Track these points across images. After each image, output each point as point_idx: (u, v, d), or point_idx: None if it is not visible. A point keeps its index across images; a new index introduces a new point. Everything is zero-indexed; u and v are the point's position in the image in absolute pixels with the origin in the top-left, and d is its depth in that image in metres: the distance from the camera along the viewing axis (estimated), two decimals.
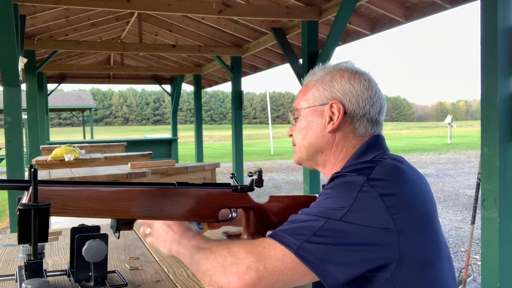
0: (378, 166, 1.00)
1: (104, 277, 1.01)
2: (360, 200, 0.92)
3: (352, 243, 0.90)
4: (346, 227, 0.90)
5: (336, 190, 0.97)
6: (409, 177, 1.00)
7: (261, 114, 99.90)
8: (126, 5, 5.01)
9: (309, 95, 1.15)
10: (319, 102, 1.13)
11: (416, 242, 0.94)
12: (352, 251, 0.89)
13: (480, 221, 2.92)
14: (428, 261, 0.97)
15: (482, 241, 2.89)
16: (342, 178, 0.99)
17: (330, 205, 0.94)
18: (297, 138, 1.18)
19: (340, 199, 0.94)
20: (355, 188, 0.94)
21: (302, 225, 0.93)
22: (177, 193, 1.08)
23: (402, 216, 0.93)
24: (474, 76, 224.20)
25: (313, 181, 5.44)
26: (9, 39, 3.66)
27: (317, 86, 1.14)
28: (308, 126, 1.15)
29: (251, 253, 0.92)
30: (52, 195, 0.94)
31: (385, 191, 0.93)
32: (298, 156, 1.20)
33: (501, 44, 2.73)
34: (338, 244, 0.89)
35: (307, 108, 1.15)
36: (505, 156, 2.75)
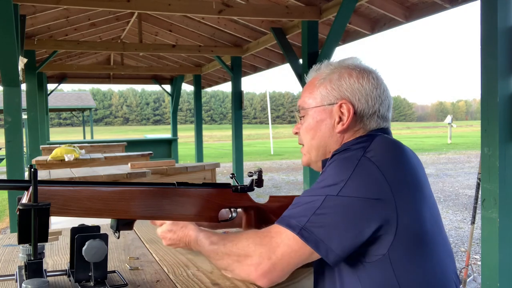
0: (376, 139, 1.02)
1: (104, 277, 1.01)
2: (358, 173, 0.94)
3: (350, 217, 0.92)
4: (343, 201, 0.92)
5: (334, 166, 0.99)
6: (405, 152, 1.02)
7: (261, 114, 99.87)
8: (126, 5, 5.01)
9: (317, 93, 1.13)
10: (327, 101, 1.11)
11: (412, 215, 0.95)
12: (350, 224, 0.92)
13: (480, 221, 2.92)
14: (423, 240, 0.97)
15: (482, 241, 2.89)
16: (341, 155, 1.01)
17: (329, 181, 0.96)
18: (305, 139, 1.16)
19: (339, 174, 0.96)
20: (353, 162, 0.96)
21: (304, 207, 0.96)
22: (177, 193, 1.08)
23: (400, 186, 0.94)
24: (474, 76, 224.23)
25: (313, 181, 5.43)
26: (9, 39, 3.66)
27: (325, 85, 1.12)
28: (317, 126, 1.13)
29: (259, 244, 0.99)
30: (52, 195, 0.94)
31: (383, 163, 0.95)
32: (307, 157, 1.18)
33: (501, 44, 2.73)
34: (336, 221, 0.92)
35: (315, 108, 1.13)
36: (505, 156, 2.75)
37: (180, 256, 1.29)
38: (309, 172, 5.42)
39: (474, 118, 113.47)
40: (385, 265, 0.95)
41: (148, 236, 1.51)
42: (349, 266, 0.99)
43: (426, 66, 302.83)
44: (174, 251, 1.33)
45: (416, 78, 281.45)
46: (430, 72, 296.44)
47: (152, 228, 1.59)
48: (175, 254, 1.31)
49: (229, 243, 1.04)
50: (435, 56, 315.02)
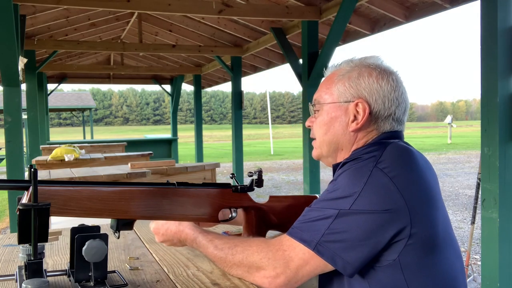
0: (388, 148, 1.00)
1: (104, 277, 1.01)
2: (370, 185, 0.93)
3: (365, 231, 0.92)
4: (357, 216, 0.92)
5: (346, 177, 0.98)
6: (418, 160, 1.00)
7: (261, 114, 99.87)
8: (126, 5, 5.01)
9: (334, 89, 1.12)
10: (344, 98, 1.10)
11: (423, 222, 0.95)
12: (365, 238, 0.92)
13: (480, 221, 2.92)
14: (434, 244, 0.97)
15: (482, 241, 2.89)
16: (352, 165, 1.00)
17: (341, 193, 0.96)
18: (318, 133, 1.15)
19: (351, 186, 0.95)
20: (365, 173, 0.95)
21: (317, 221, 0.96)
22: (177, 193, 1.08)
23: (412, 196, 0.94)
24: (474, 76, 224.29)
25: (313, 181, 5.44)
26: (9, 39, 3.66)
27: (343, 82, 1.11)
28: (331, 122, 1.12)
29: (273, 259, 0.99)
30: (52, 195, 0.94)
31: (395, 173, 0.94)
32: (318, 152, 1.18)
33: (501, 44, 2.73)
34: (352, 236, 0.92)
35: (331, 104, 1.12)
36: (505, 156, 2.75)
37: (180, 256, 1.29)
38: (309, 172, 5.42)
39: (474, 118, 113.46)
40: (396, 270, 0.95)
41: (148, 236, 1.51)
42: (359, 270, 0.99)
43: (426, 66, 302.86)
44: (174, 251, 1.33)
45: (416, 78, 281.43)
46: (430, 72, 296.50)
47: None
48: (175, 254, 1.31)
49: (239, 255, 1.04)
50: (435, 56, 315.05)
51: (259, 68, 9.59)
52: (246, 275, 1.02)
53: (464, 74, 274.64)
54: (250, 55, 8.39)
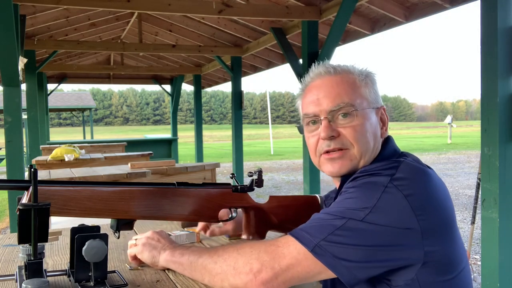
0: (402, 165, 0.97)
1: (104, 277, 1.01)
2: (384, 200, 0.90)
3: (374, 244, 0.88)
4: (367, 227, 0.88)
5: (359, 190, 0.94)
6: (433, 179, 0.97)
7: (261, 114, 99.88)
8: (126, 5, 5.01)
9: (366, 94, 1.07)
10: (375, 104, 1.08)
11: (439, 244, 0.92)
12: (373, 251, 0.88)
13: (480, 221, 2.92)
14: (451, 264, 0.95)
15: (482, 241, 2.89)
16: (366, 178, 0.96)
17: (353, 205, 0.92)
18: (361, 141, 1.04)
19: (364, 200, 0.91)
20: (379, 188, 0.92)
21: (322, 224, 0.92)
22: (177, 193, 1.08)
23: (427, 217, 0.90)
24: (474, 76, 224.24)
25: (313, 181, 5.44)
26: (9, 39, 3.66)
27: (369, 86, 1.08)
28: (372, 129, 1.06)
29: (264, 252, 0.92)
30: (52, 195, 0.94)
31: (410, 192, 0.91)
32: (354, 163, 1.05)
33: (501, 44, 2.73)
34: (357, 244, 0.88)
35: (368, 109, 1.06)
36: (505, 156, 2.75)
37: None
38: (309, 172, 5.42)
39: (474, 118, 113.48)
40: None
41: None
42: None
43: (426, 66, 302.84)
44: None
45: (416, 78, 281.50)
46: (430, 72, 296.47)
47: (152, 228, 1.59)
48: None
49: (230, 248, 0.98)
50: (435, 56, 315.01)
51: (259, 68, 9.59)
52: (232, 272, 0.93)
53: (464, 74, 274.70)
54: (250, 55, 8.39)
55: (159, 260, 1.09)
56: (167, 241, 1.13)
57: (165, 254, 1.08)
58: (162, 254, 1.08)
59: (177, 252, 1.06)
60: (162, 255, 1.08)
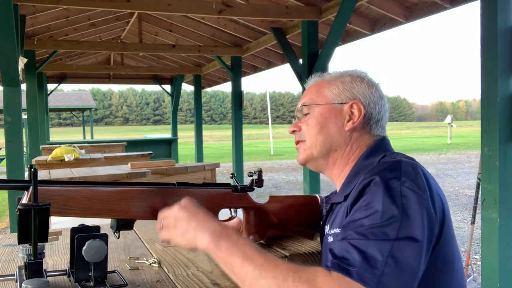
0: (402, 165, 0.96)
1: (104, 277, 1.01)
2: (407, 207, 0.89)
3: (417, 259, 0.86)
4: (409, 246, 0.85)
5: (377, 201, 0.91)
6: (429, 177, 1.00)
7: (261, 114, 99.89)
8: (126, 5, 5.01)
9: (326, 92, 1.14)
10: (338, 100, 1.13)
11: (444, 238, 0.94)
12: (418, 267, 0.86)
13: (480, 221, 2.92)
14: (450, 260, 0.97)
15: (482, 241, 2.89)
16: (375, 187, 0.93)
17: (380, 219, 0.88)
18: (310, 133, 1.14)
19: (387, 211, 0.88)
20: (395, 195, 0.90)
21: (369, 255, 0.84)
22: (177, 193, 1.08)
23: (436, 209, 0.93)
24: (474, 76, 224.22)
25: (313, 181, 5.44)
26: (9, 39, 3.66)
27: (337, 85, 1.14)
28: (324, 122, 1.13)
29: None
30: (52, 195, 0.94)
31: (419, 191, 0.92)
32: (307, 153, 1.15)
33: (501, 44, 2.73)
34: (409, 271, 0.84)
35: (323, 105, 1.14)
36: (505, 156, 2.75)
37: (180, 256, 1.29)
38: (309, 172, 5.42)
39: (474, 118, 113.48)
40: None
41: (148, 236, 1.51)
42: None
43: (426, 66, 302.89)
44: (174, 251, 1.33)
45: (416, 78, 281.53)
46: (430, 72, 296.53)
47: (152, 228, 1.59)
48: (175, 254, 1.31)
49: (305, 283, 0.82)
50: (435, 56, 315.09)
51: (259, 68, 9.59)
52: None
53: (464, 74, 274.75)
54: (250, 55, 8.39)
55: (198, 247, 0.95)
56: (200, 218, 0.97)
57: (205, 242, 0.93)
58: (201, 241, 0.94)
59: (223, 246, 0.91)
60: (201, 242, 0.94)
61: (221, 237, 0.92)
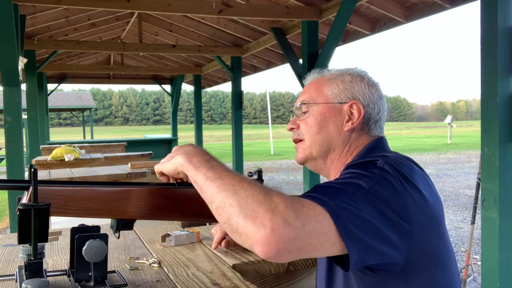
0: (390, 158, 0.98)
1: (104, 277, 1.01)
2: (384, 176, 0.91)
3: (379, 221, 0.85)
4: (375, 202, 0.86)
5: (355, 169, 0.95)
6: (419, 173, 1.00)
7: (261, 114, 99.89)
8: (126, 5, 5.01)
9: (326, 91, 1.14)
10: (338, 99, 1.13)
11: (427, 235, 0.94)
12: (378, 228, 0.85)
13: (480, 221, 2.92)
14: (438, 258, 0.97)
15: (482, 241, 2.89)
16: (359, 161, 0.99)
17: (355, 179, 0.90)
18: (309, 133, 1.14)
19: (365, 174, 0.91)
20: (379, 164, 0.94)
21: (336, 189, 0.87)
22: (177, 193, 1.08)
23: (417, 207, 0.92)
24: (474, 76, 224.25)
25: (313, 181, 5.44)
26: (9, 39, 3.66)
27: (337, 84, 1.14)
28: (324, 121, 1.12)
29: (291, 208, 0.79)
30: (52, 195, 0.94)
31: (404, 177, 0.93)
32: (306, 152, 1.15)
33: (501, 44, 2.73)
34: (366, 217, 0.84)
35: (323, 104, 1.13)
36: (505, 156, 2.75)
37: (180, 256, 1.29)
38: (309, 172, 5.42)
39: (474, 118, 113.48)
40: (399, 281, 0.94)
41: (148, 236, 1.51)
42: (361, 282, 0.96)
43: (426, 66, 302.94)
44: (174, 251, 1.33)
45: (416, 78, 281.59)
46: (430, 72, 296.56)
47: (152, 228, 1.59)
48: (175, 254, 1.31)
49: (256, 186, 0.84)
50: (435, 56, 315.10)
51: (259, 68, 9.59)
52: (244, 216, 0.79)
53: (464, 74, 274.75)
54: (250, 55, 8.39)
55: (178, 168, 1.00)
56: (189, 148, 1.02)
57: (181, 161, 0.98)
58: (179, 160, 0.99)
59: (194, 161, 0.95)
60: (179, 161, 0.99)
61: (194, 155, 0.97)
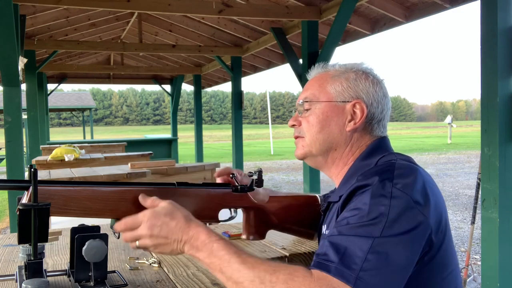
0: (396, 170, 0.96)
1: (104, 277, 1.01)
2: (395, 207, 0.89)
3: (401, 259, 0.86)
4: (390, 242, 0.86)
5: (366, 202, 0.92)
6: (426, 178, 0.98)
7: (261, 114, 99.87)
8: (126, 5, 5.01)
9: (329, 88, 1.11)
10: (341, 98, 1.10)
11: (439, 239, 0.94)
12: (402, 266, 0.86)
13: (480, 221, 2.92)
14: (445, 263, 0.97)
15: (482, 241, 2.89)
16: (367, 188, 0.94)
17: (366, 218, 0.89)
18: (310, 131, 1.12)
19: (375, 211, 0.89)
20: (385, 196, 0.90)
21: (350, 252, 0.86)
22: (176, 193, 1.08)
23: (431, 213, 0.92)
24: (474, 76, 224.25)
25: (313, 181, 5.44)
26: (9, 39, 3.66)
27: (340, 82, 1.11)
28: (326, 120, 1.10)
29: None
30: (52, 195, 0.94)
31: (413, 192, 0.91)
32: (306, 150, 1.13)
33: (501, 44, 2.73)
34: (390, 269, 0.85)
35: (326, 102, 1.11)
36: (505, 156, 2.75)
37: (180, 256, 1.28)
38: (309, 172, 5.42)
39: (474, 118, 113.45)
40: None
41: None
42: None
43: (426, 66, 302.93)
44: None
45: (416, 78, 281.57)
46: (430, 72, 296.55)
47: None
48: None
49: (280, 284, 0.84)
50: (435, 56, 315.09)
51: (259, 68, 9.59)
52: None
53: (464, 74, 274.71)
54: (250, 55, 8.39)
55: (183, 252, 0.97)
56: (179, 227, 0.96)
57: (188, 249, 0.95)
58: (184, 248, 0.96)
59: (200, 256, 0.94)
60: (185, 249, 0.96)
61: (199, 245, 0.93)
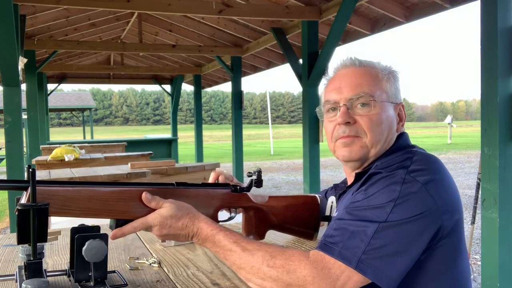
0: (415, 156, 1.00)
1: (104, 277, 1.01)
2: (405, 192, 0.91)
3: (406, 242, 0.89)
4: (395, 228, 0.89)
5: (378, 187, 0.95)
6: (443, 166, 1.02)
7: (261, 114, 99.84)
8: (126, 5, 5.01)
9: (387, 88, 1.10)
10: (394, 99, 1.11)
11: (452, 227, 0.95)
12: (407, 250, 0.89)
13: (480, 221, 2.92)
14: (458, 249, 0.98)
15: (482, 241, 2.89)
16: (382, 174, 0.97)
17: (375, 202, 0.92)
18: (374, 131, 1.06)
19: (385, 195, 0.92)
20: (397, 182, 0.93)
21: (355, 235, 0.90)
22: (176, 193, 1.08)
23: (443, 199, 0.94)
24: (474, 76, 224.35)
25: (313, 181, 5.44)
26: (9, 39, 3.66)
27: (392, 82, 1.12)
28: (388, 120, 1.08)
29: (319, 277, 0.88)
30: (51, 195, 0.94)
31: (427, 179, 0.94)
32: (365, 151, 1.07)
33: (501, 44, 2.73)
34: (393, 250, 0.88)
35: (387, 102, 1.09)
36: (505, 156, 2.75)
37: (180, 256, 1.29)
38: (309, 172, 5.42)
39: (474, 118, 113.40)
40: (418, 273, 0.95)
41: (148, 236, 1.51)
42: None
43: (426, 66, 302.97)
44: (174, 251, 1.33)
45: (416, 78, 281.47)
46: (430, 72, 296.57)
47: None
48: (175, 254, 1.31)
49: (278, 268, 0.91)
50: (435, 56, 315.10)
51: (259, 68, 9.58)
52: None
53: (464, 74, 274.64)
54: (250, 55, 8.39)
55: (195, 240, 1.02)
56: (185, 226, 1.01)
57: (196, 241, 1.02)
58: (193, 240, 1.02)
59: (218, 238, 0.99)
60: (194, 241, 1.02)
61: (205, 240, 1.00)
